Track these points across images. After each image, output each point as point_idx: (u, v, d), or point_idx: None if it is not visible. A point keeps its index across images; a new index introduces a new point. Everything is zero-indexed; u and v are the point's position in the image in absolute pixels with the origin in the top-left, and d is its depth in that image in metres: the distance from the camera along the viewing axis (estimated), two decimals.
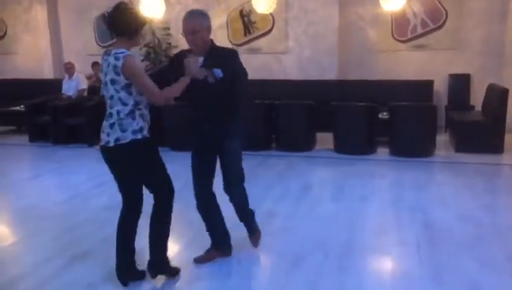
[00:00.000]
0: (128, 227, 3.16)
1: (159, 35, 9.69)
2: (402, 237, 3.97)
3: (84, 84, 8.61)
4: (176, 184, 3.21)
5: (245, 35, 9.39)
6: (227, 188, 3.46)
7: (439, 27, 8.57)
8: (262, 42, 9.30)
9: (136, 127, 2.96)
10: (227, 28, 9.45)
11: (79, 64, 9.22)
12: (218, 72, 3.16)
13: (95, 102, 8.07)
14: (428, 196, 5.14)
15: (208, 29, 3.27)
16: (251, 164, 6.37)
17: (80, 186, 5.62)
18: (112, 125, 2.95)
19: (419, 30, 8.68)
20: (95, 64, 9.79)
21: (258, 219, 3.82)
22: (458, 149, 6.92)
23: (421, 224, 4.22)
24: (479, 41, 8.39)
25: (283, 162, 6.56)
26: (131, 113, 2.96)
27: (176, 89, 3.04)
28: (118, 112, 2.94)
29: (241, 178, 3.51)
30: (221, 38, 9.07)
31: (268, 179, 5.73)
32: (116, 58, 2.87)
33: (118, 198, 3.24)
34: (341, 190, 5.29)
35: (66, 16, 10.58)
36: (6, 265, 3.64)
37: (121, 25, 2.96)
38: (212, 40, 3.34)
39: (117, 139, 2.94)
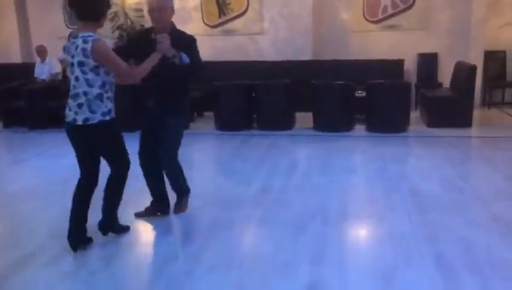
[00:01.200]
0: (85, 197, 3.37)
1: (132, 17, 9.58)
2: (392, 204, 4.23)
3: (58, 68, 8.45)
4: None
5: (219, 16, 9.42)
6: (162, 162, 3.82)
7: (409, 7, 8.90)
8: (237, 24, 9.37)
9: (105, 109, 3.17)
10: (201, 9, 9.44)
11: (49, 47, 8.99)
12: (185, 58, 3.40)
13: None
14: (409, 167, 5.46)
15: (172, 9, 3.53)
16: (235, 143, 6.56)
17: (71, 169, 5.55)
18: (80, 105, 3.12)
19: (390, 11, 8.98)
20: None
21: (252, 194, 4.24)
22: (430, 124, 7.28)
23: (407, 192, 4.51)
24: (446, 22, 8.78)
25: (266, 140, 6.74)
26: (99, 96, 3.14)
27: (147, 65, 3.25)
28: (85, 93, 3.11)
29: (172, 161, 3.79)
30: (195, 20, 9.09)
31: (256, 156, 5.90)
32: (85, 42, 3.02)
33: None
34: (327, 165, 5.52)
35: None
36: (23, 239, 3.69)
37: (86, 9, 3.09)
38: (173, 22, 3.57)
39: (86, 119, 3.13)
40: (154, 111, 3.70)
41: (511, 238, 3.48)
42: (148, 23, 9.14)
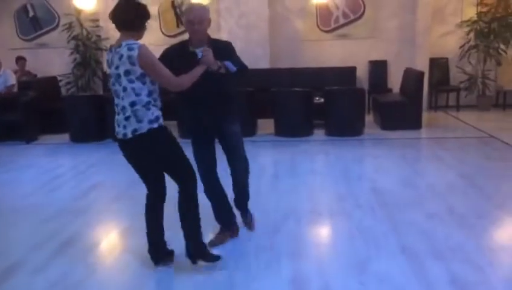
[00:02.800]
0: (155, 212, 3.28)
1: (88, 28, 9.54)
2: (357, 201, 4.54)
3: (13, 80, 8.23)
4: None
5: (177, 26, 9.55)
6: (231, 162, 3.72)
7: (359, 18, 9.41)
8: None
9: (152, 117, 3.03)
10: (159, 19, 9.56)
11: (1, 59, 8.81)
12: (231, 66, 3.31)
13: (30, 97, 7.85)
14: (369, 167, 5.83)
15: (210, 21, 3.40)
16: None
17: (36, 181, 5.57)
18: (127, 118, 3.02)
19: (341, 21, 9.46)
20: (20, 59, 9.42)
21: None
22: (384, 127, 7.74)
23: (369, 190, 4.85)
24: (394, 30, 9.36)
25: None
26: (146, 105, 3.02)
27: (192, 76, 3.12)
28: (132, 104, 3.00)
29: (245, 158, 3.78)
30: (153, 29, 9.17)
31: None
32: (130, 49, 2.93)
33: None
34: (293, 168, 5.79)
35: None
36: (4, 251, 3.68)
37: (129, 20, 3.02)
38: (208, 33, 3.44)
39: (134, 130, 3.01)
40: (206, 121, 3.50)
41: (467, 228, 3.85)
42: (104, 32, 9.25)
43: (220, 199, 3.75)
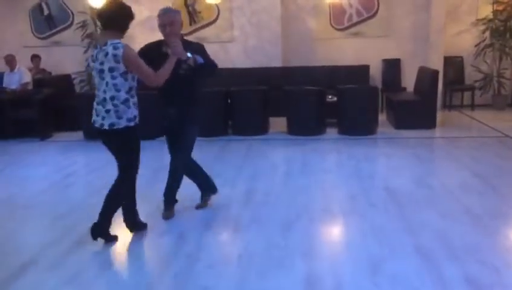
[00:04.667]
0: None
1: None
2: (370, 200, 4.51)
3: (28, 78, 8.33)
4: None
5: (190, 24, 9.57)
6: (172, 158, 4.09)
7: (372, 16, 9.35)
8: (208, 31, 9.54)
9: (131, 116, 3.40)
10: None
11: (16, 56, 8.90)
12: (199, 59, 3.68)
13: (44, 95, 7.93)
14: (382, 166, 5.78)
15: (181, 23, 3.80)
16: (214, 149, 6.72)
17: (50, 178, 5.62)
18: (108, 111, 3.35)
19: (355, 19, 9.40)
20: (34, 57, 9.52)
21: (239, 196, 4.56)
22: (398, 126, 7.68)
23: (382, 189, 4.81)
24: (408, 29, 9.28)
25: (244, 145, 6.93)
26: (126, 102, 3.36)
27: (166, 69, 3.47)
28: (112, 98, 3.33)
29: (183, 163, 4.11)
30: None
31: (236, 161, 6.08)
32: (116, 48, 3.23)
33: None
34: (305, 166, 5.77)
35: None
36: (14, 250, 3.69)
37: (114, 19, 3.30)
38: (182, 34, 3.83)
39: (112, 124, 3.37)
40: (172, 116, 3.91)
41: (482, 228, 3.80)
42: None
43: (196, 172, 4.27)
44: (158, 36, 3.84)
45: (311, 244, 3.62)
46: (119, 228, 3.86)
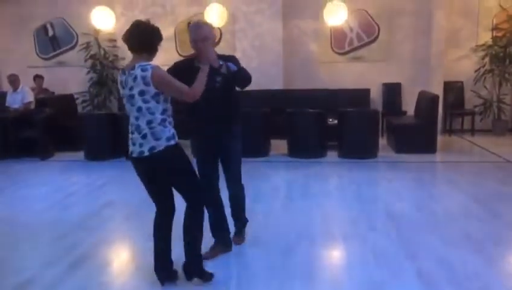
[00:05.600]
0: (163, 231, 3.32)
1: (105, 47, 9.72)
2: (371, 224, 4.49)
3: (31, 97, 8.39)
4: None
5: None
6: (228, 184, 3.83)
7: (373, 40, 9.45)
8: None
9: (169, 134, 3.12)
10: (175, 39, 9.70)
11: (19, 76, 8.98)
12: (232, 66, 3.47)
13: (46, 114, 7.97)
14: (383, 190, 5.77)
15: (214, 40, 3.60)
16: None
17: (51, 197, 5.62)
18: (144, 136, 3.08)
19: (356, 43, 9.51)
20: (37, 77, 9.61)
21: None
22: (398, 150, 7.69)
23: (384, 213, 4.79)
24: (408, 53, 9.37)
25: (245, 167, 6.79)
26: (162, 122, 3.10)
27: (201, 81, 3.18)
28: (148, 122, 3.07)
29: (240, 178, 3.90)
30: (169, 50, 9.30)
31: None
32: (144, 70, 3.01)
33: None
34: (306, 189, 5.76)
35: (3, 28, 10.25)
36: (12, 269, 3.67)
37: (142, 42, 3.09)
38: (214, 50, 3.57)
39: (152, 148, 3.08)
40: (208, 131, 3.67)
41: (484, 254, 3.77)
42: (121, 51, 9.41)
43: (218, 210, 3.83)
44: (162, 56, 3.76)
45: (311, 266, 3.60)
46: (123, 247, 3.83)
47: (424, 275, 3.40)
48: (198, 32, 3.44)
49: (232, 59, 3.62)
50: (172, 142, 3.13)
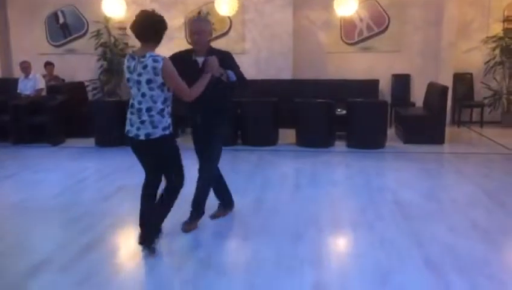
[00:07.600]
0: (150, 201, 3.66)
1: (115, 35, 9.77)
2: (379, 213, 4.53)
3: (42, 84, 8.48)
4: None
5: None
6: (200, 170, 4.10)
7: (383, 31, 9.43)
8: (220, 43, 9.60)
9: (166, 124, 3.39)
10: (185, 29, 9.72)
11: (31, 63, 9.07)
12: (232, 75, 3.74)
13: (58, 101, 8.06)
14: (391, 179, 5.81)
15: (211, 33, 3.89)
16: (226, 158, 6.64)
17: (62, 182, 5.70)
18: (143, 122, 3.34)
19: (365, 34, 9.50)
20: (48, 64, 9.68)
21: (248, 204, 4.58)
22: (406, 141, 7.71)
23: (391, 202, 4.84)
24: (418, 45, 9.35)
25: (254, 155, 6.99)
26: (161, 112, 3.35)
27: (201, 85, 3.50)
28: (148, 109, 3.33)
29: (211, 174, 4.12)
30: (178, 39, 9.34)
31: (247, 170, 6.14)
32: (155, 61, 3.22)
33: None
34: (314, 177, 5.82)
35: (15, 15, 10.32)
36: (26, 251, 3.75)
37: (148, 32, 3.27)
38: (209, 43, 3.88)
39: (148, 134, 3.35)
40: (201, 127, 4.00)
41: (491, 243, 3.81)
42: (131, 40, 9.44)
43: (218, 181, 4.29)
44: (172, 45, 3.90)
45: (319, 254, 3.66)
46: (135, 231, 3.91)
47: (431, 263, 3.44)
48: (195, 25, 3.76)
49: (227, 56, 3.86)
50: (167, 132, 3.39)
